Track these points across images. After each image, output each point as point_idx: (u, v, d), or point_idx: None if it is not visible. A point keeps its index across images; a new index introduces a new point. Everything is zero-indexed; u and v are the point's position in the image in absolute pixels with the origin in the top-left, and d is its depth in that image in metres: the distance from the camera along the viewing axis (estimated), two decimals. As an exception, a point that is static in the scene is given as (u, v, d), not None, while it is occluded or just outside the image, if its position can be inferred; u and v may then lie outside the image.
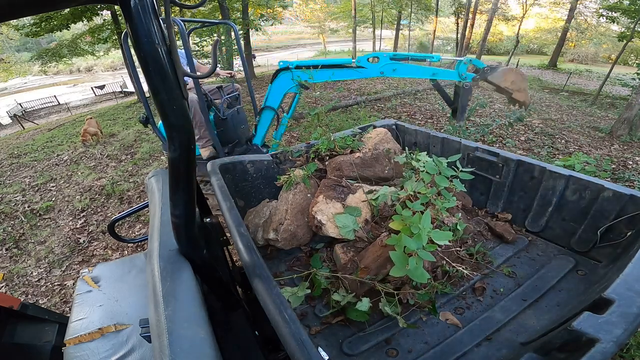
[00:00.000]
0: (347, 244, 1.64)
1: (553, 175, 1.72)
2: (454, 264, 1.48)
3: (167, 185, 0.89)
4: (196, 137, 3.41)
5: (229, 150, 3.58)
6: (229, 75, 3.85)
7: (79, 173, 6.00)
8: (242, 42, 3.82)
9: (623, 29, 13.00)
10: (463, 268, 1.43)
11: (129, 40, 2.17)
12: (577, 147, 5.81)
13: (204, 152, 3.50)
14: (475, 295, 1.50)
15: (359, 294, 1.43)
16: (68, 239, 4.11)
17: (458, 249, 1.62)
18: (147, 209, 1.53)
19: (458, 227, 1.59)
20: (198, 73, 3.70)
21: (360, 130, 2.38)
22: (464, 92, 2.67)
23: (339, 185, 1.80)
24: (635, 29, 10.86)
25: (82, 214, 4.63)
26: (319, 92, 10.21)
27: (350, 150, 2.09)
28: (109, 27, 11.90)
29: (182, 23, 2.52)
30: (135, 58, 0.76)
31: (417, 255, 1.18)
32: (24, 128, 13.75)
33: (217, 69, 4.12)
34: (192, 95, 3.27)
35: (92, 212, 4.69)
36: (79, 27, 12.58)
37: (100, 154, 6.88)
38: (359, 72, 2.73)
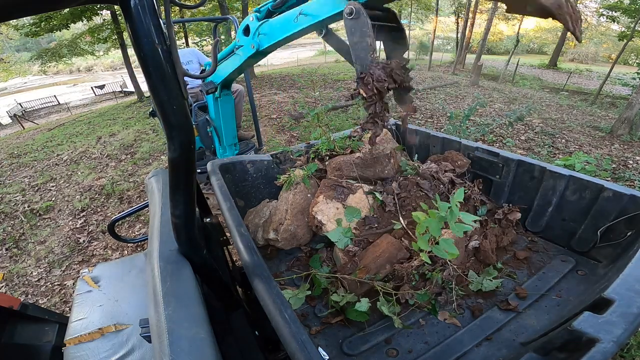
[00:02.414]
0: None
1: (553, 175, 1.72)
2: (455, 266, 1.48)
3: (167, 185, 0.89)
4: None
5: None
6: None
7: (79, 173, 6.00)
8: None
9: (623, 29, 13.00)
10: (465, 274, 1.43)
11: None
12: (577, 147, 5.82)
13: None
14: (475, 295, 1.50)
15: (359, 294, 1.43)
16: (68, 239, 4.11)
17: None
18: (147, 209, 1.53)
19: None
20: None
21: (360, 131, 2.38)
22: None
23: (339, 185, 1.80)
24: (636, 28, 10.86)
25: (82, 214, 4.63)
26: (318, 92, 10.22)
27: (350, 150, 2.09)
28: (109, 26, 11.90)
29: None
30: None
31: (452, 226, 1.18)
32: (23, 128, 13.76)
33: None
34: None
35: (92, 211, 4.68)
36: (79, 27, 12.59)
37: (100, 153, 6.88)
38: (235, 59, 2.04)
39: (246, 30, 1.81)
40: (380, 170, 1.93)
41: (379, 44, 1.45)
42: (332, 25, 1.59)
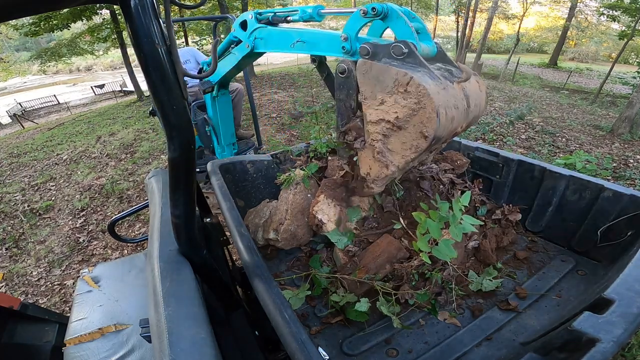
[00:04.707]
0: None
1: (553, 175, 1.72)
2: (455, 266, 1.48)
3: (167, 185, 0.89)
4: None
5: None
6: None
7: (79, 172, 6.00)
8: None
9: (624, 28, 12.98)
10: (465, 274, 1.43)
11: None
12: (577, 146, 5.82)
13: None
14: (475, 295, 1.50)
15: (358, 293, 1.43)
16: (68, 239, 4.11)
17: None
18: (147, 208, 1.53)
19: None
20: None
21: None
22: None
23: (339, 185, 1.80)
24: (636, 27, 10.85)
25: (81, 213, 4.63)
26: (316, 88, 10.20)
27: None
28: (108, 26, 11.89)
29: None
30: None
31: (454, 228, 1.18)
32: (23, 127, 13.75)
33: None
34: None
35: (92, 211, 4.69)
36: (78, 26, 12.57)
37: (100, 153, 6.88)
38: (231, 58, 1.99)
39: (244, 25, 1.80)
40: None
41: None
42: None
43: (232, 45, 1.96)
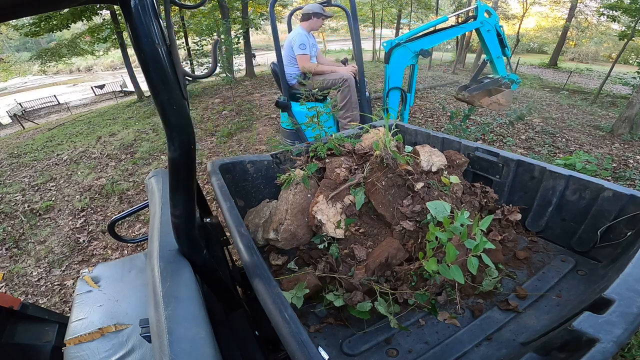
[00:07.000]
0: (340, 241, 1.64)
1: (553, 175, 1.72)
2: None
3: (167, 185, 0.89)
4: (347, 120, 3.37)
5: None
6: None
7: (79, 172, 6.00)
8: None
9: (624, 28, 12.99)
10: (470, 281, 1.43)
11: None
12: (577, 146, 5.81)
13: None
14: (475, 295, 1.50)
15: (360, 292, 1.42)
16: (68, 239, 4.11)
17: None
18: (147, 209, 1.53)
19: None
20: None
21: (359, 130, 2.38)
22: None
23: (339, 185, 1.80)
24: (636, 27, 10.86)
25: (81, 214, 4.63)
26: (317, 89, 10.18)
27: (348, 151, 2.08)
28: (109, 26, 11.90)
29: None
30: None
31: (473, 255, 1.17)
32: (24, 128, 13.75)
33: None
34: (350, 75, 3.22)
35: (92, 211, 4.69)
36: (79, 26, 12.59)
37: (100, 153, 6.88)
38: (462, 27, 3.30)
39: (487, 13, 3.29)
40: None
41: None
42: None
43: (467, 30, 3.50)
